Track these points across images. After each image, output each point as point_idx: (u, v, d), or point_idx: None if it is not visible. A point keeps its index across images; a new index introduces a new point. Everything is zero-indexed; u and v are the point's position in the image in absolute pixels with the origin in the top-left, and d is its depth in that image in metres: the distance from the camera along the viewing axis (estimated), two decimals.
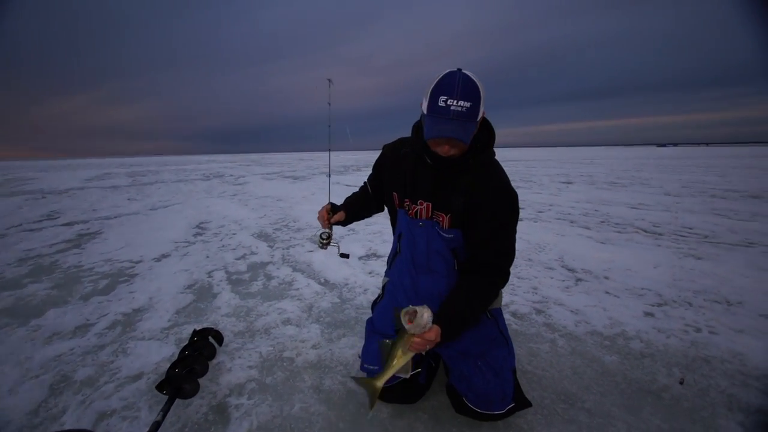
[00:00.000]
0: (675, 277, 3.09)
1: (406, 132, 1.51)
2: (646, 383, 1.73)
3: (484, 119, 1.35)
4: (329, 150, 1.90)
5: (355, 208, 1.74)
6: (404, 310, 1.17)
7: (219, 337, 2.08)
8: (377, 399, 1.24)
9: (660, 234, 4.66)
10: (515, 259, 1.39)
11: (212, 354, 1.92)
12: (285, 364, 1.93)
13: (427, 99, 1.21)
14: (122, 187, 12.10)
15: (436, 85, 1.19)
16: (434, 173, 1.38)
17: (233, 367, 1.89)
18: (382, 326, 1.57)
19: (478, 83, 1.19)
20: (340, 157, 43.70)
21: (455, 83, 1.17)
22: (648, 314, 2.43)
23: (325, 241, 1.68)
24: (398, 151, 1.52)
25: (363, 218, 1.77)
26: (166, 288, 2.99)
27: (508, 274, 1.38)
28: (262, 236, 4.89)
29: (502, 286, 1.39)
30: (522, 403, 1.44)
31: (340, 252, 1.76)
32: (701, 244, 4.12)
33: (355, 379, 1.37)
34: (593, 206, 6.86)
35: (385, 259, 1.71)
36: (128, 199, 9.00)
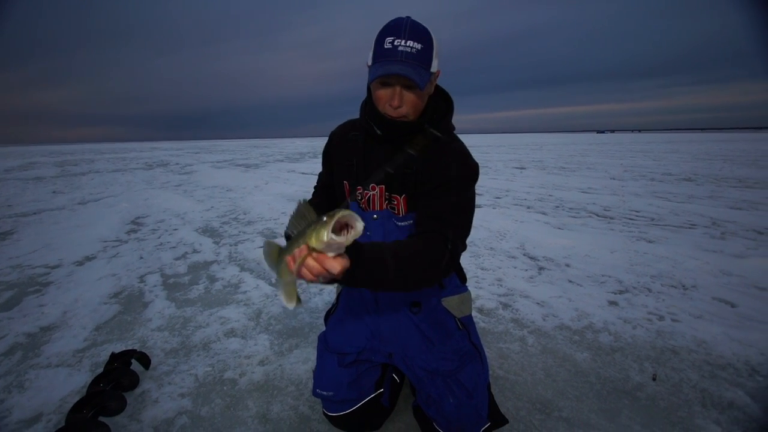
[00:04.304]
0: (631, 261, 3.12)
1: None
2: (620, 382, 1.64)
3: (440, 89, 1.18)
4: None
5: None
6: (342, 213, 0.72)
7: (145, 360, 1.75)
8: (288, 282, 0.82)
9: (611, 218, 4.78)
10: (478, 248, 1.18)
11: (134, 383, 1.60)
12: (226, 387, 1.65)
13: (372, 48, 1.04)
14: (48, 179, 10.80)
15: (381, 30, 1.03)
16: (387, 149, 1.16)
17: (161, 397, 1.58)
18: (338, 344, 1.33)
19: (429, 30, 1.03)
20: (295, 143, 42.30)
21: (402, 25, 1.01)
22: (612, 303, 2.39)
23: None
24: (347, 135, 1.28)
25: None
26: (86, 298, 2.56)
27: (457, 248, 1.08)
28: (208, 231, 4.45)
29: (448, 260, 1.04)
30: (498, 421, 1.27)
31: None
32: (650, 227, 4.26)
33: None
34: (547, 191, 7.01)
35: None
36: (53, 192, 8.00)
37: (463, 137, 1.19)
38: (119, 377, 1.56)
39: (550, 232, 4.11)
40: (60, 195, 7.57)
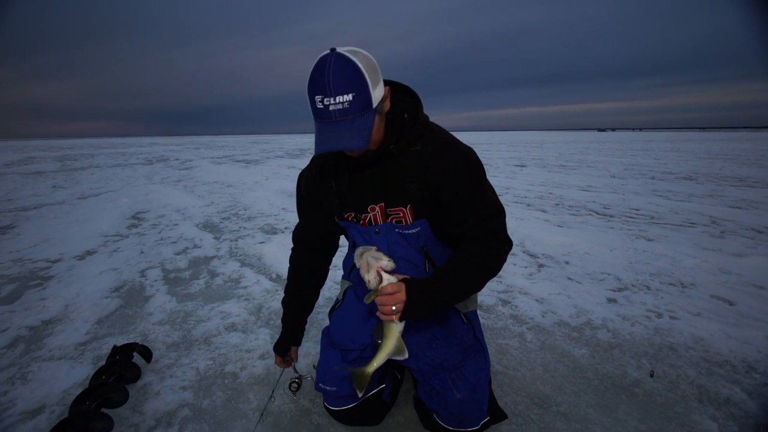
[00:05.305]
0: (631, 259, 3.13)
1: None
2: (618, 378, 1.66)
3: (399, 85, 1.13)
4: None
5: (300, 318, 1.50)
6: (359, 250, 1.03)
7: (146, 353, 1.76)
8: (365, 384, 1.06)
9: (611, 216, 4.79)
10: None
11: (136, 375, 1.61)
12: (227, 381, 1.67)
13: (307, 99, 0.97)
14: (48, 173, 10.82)
15: (308, 82, 0.93)
16: (370, 167, 1.15)
17: (162, 390, 1.59)
18: (342, 339, 1.34)
19: (357, 62, 0.91)
20: (295, 140, 42.22)
21: (326, 76, 0.90)
22: (611, 300, 2.40)
23: (296, 388, 1.51)
24: (320, 165, 1.26)
25: (312, 308, 1.53)
26: (87, 292, 2.57)
27: (506, 234, 1.16)
28: (208, 227, 4.46)
29: (507, 249, 1.15)
30: (497, 415, 1.29)
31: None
32: (650, 226, 4.27)
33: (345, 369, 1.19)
34: (547, 189, 7.01)
35: (346, 246, 1.46)
36: (53, 187, 8.01)
37: (463, 135, 1.19)
38: (122, 370, 1.57)
39: (550, 229, 4.12)
40: (60, 189, 7.58)
